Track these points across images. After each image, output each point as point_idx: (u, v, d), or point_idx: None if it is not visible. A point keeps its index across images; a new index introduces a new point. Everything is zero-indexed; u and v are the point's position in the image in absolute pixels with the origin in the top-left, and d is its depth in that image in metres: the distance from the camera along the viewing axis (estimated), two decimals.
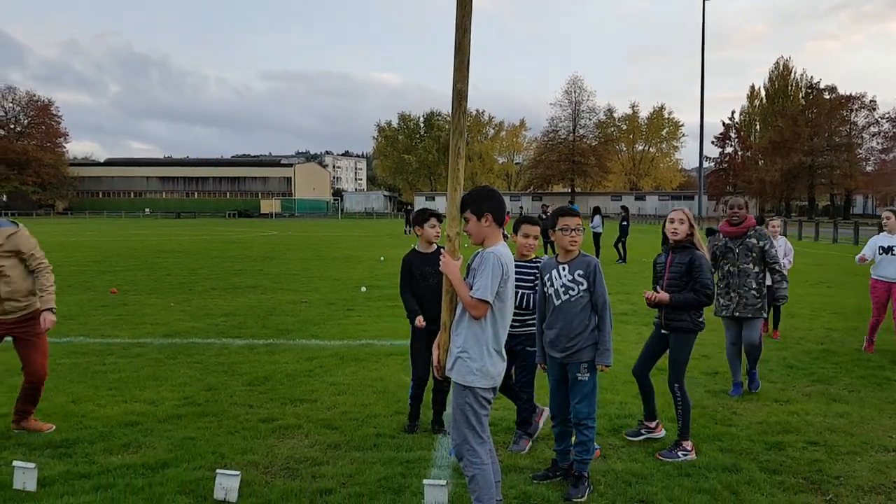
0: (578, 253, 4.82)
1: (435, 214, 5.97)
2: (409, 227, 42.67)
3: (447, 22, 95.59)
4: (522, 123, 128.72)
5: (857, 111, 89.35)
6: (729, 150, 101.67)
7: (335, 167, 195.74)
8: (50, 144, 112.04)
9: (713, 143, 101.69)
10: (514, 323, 5.87)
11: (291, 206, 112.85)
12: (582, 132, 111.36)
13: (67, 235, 42.34)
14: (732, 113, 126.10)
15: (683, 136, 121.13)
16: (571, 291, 4.76)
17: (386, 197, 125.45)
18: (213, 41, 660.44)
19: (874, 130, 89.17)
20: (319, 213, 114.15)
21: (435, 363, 4.17)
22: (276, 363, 8.24)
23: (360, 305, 13.01)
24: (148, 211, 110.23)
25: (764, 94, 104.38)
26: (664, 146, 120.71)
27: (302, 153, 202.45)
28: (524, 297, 5.47)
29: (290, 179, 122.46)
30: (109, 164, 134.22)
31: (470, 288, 3.93)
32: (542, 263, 5.08)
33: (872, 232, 36.94)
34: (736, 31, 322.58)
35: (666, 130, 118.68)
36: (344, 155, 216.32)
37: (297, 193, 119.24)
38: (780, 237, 10.30)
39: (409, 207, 72.57)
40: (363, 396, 6.88)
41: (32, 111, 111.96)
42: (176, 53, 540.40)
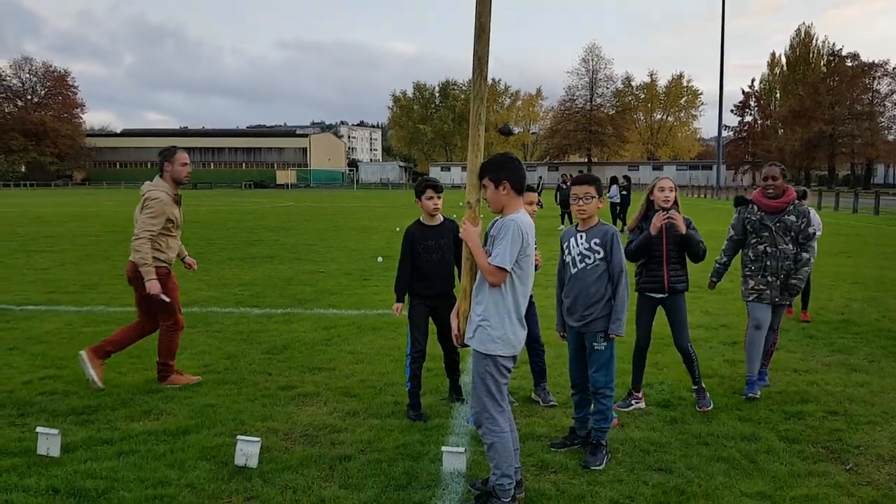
0: (597, 222, 4.78)
1: (431, 185, 5.57)
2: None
3: None
4: (539, 92, 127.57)
5: (879, 79, 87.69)
6: (748, 118, 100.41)
7: (350, 137, 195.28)
8: (67, 115, 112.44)
9: (732, 111, 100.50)
10: None
11: (307, 176, 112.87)
12: (599, 101, 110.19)
13: (86, 206, 42.63)
14: (752, 81, 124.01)
15: (702, 104, 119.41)
16: (587, 260, 4.73)
17: (401, 167, 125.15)
18: (227, 10, 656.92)
19: None
20: (335, 183, 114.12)
21: (454, 331, 4.16)
22: (294, 332, 8.29)
23: (376, 275, 13.03)
24: None
25: (785, 61, 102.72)
26: (682, 115, 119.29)
27: (317, 123, 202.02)
28: None
29: (305, 150, 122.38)
30: (126, 134, 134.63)
31: (488, 255, 3.90)
32: (563, 232, 5.06)
33: (894, 202, 36.50)
34: None
35: (684, 99, 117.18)
36: (359, 125, 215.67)
37: (312, 164, 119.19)
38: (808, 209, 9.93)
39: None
40: (381, 365, 6.92)
41: (49, 82, 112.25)
42: (191, 23, 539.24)
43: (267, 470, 4.45)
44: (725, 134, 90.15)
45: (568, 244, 4.86)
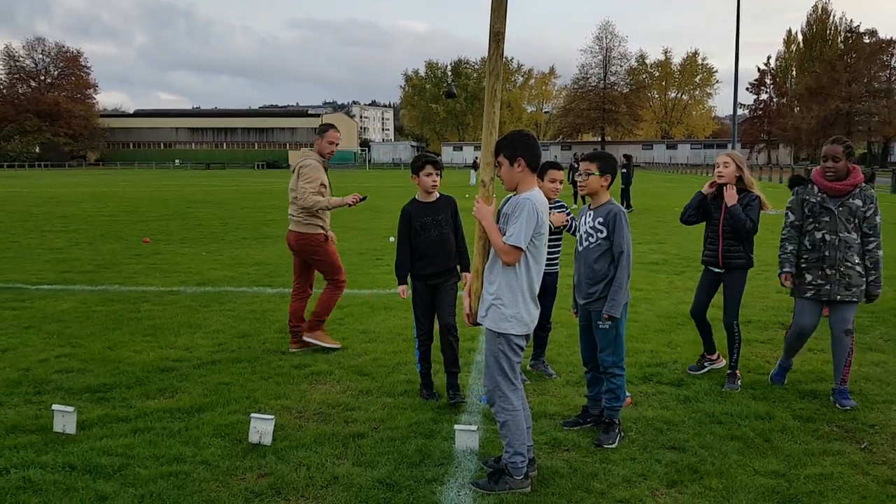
0: (606, 201, 4.74)
1: (431, 161, 5.43)
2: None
3: None
4: (552, 71, 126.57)
5: None
6: (764, 96, 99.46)
7: (362, 117, 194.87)
8: (80, 96, 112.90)
9: (748, 89, 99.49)
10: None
11: None
12: (613, 79, 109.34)
13: (100, 186, 42.85)
14: (768, 58, 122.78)
15: (717, 82, 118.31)
16: (591, 238, 4.70)
17: (413, 147, 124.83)
18: None
19: None
20: (347, 163, 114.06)
21: (466, 310, 4.14)
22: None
23: (388, 255, 13.03)
24: (178, 162, 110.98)
25: (801, 38, 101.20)
26: (697, 93, 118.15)
27: (329, 103, 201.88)
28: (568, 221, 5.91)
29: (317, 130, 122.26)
30: (139, 115, 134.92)
31: (503, 234, 3.88)
32: (579, 211, 5.04)
33: None
34: None
35: (699, 77, 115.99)
36: (371, 105, 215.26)
37: None
38: None
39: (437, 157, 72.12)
40: (393, 344, 6.93)
41: (62, 62, 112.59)
42: (201, 2, 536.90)
43: (281, 447, 4.48)
44: (740, 112, 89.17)
45: (580, 221, 4.85)
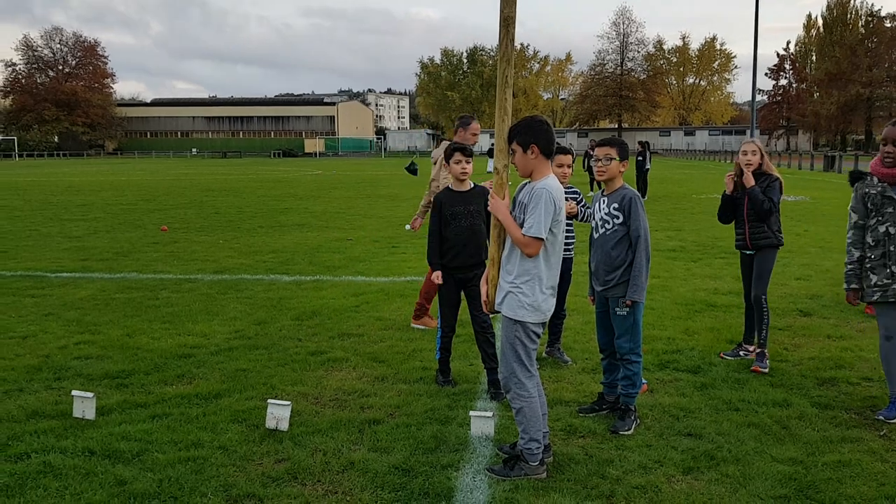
0: (620, 186, 4.70)
1: (460, 149, 5.32)
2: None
3: None
4: (568, 57, 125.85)
5: None
6: (783, 82, 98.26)
7: (378, 105, 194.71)
8: (98, 85, 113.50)
9: (767, 75, 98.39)
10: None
11: (335, 144, 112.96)
12: (630, 65, 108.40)
13: (118, 175, 43.16)
14: (787, 43, 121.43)
15: (736, 68, 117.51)
16: (607, 224, 4.67)
17: (429, 135, 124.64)
18: None
19: None
20: (363, 151, 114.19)
21: (483, 298, 4.13)
22: (323, 299, 8.34)
23: (404, 243, 13.05)
24: (195, 151, 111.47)
25: (821, 23, 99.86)
26: (715, 79, 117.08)
27: (344, 91, 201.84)
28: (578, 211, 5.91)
29: (333, 118, 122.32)
30: (156, 104, 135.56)
31: (520, 225, 3.85)
32: (593, 197, 5.00)
33: None
34: None
35: (718, 62, 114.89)
36: (386, 93, 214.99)
37: (340, 132, 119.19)
38: None
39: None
40: (409, 331, 6.94)
41: (79, 52, 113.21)
42: None
43: (297, 433, 4.50)
44: (759, 98, 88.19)
45: (594, 208, 4.83)
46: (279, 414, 4.58)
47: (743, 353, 6.07)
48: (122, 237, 14.14)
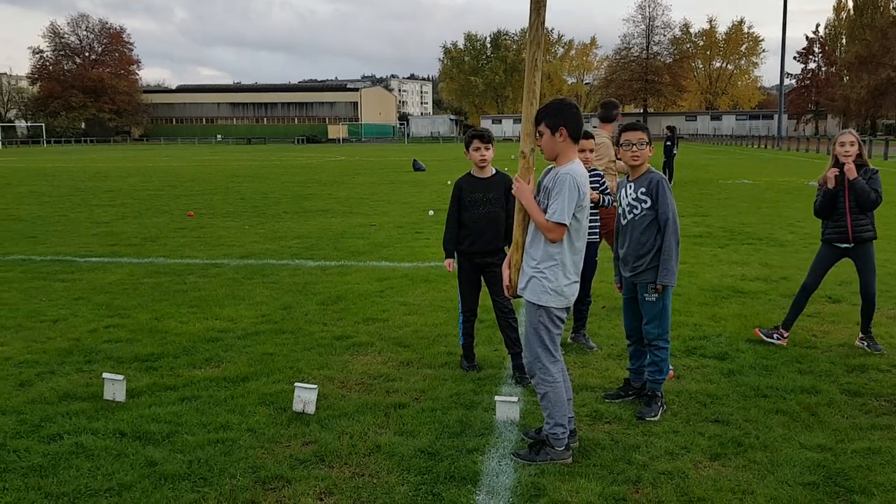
0: (646, 170, 4.66)
1: (478, 136, 5.30)
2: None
3: None
4: (593, 41, 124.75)
5: None
6: (812, 66, 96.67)
7: (401, 91, 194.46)
8: (123, 72, 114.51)
9: (795, 58, 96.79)
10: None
11: (358, 130, 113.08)
12: (656, 49, 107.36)
13: (144, 161, 43.56)
14: (817, 26, 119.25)
15: (764, 51, 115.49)
16: (635, 210, 4.63)
17: (452, 120, 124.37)
18: None
19: None
20: (386, 137, 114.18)
21: (505, 282, 4.13)
22: (348, 284, 8.38)
23: (427, 228, 13.05)
24: (220, 137, 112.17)
25: (851, 5, 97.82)
26: (743, 63, 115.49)
27: (368, 77, 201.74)
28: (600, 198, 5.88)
29: (356, 104, 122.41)
30: (181, 90, 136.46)
31: (544, 210, 3.84)
32: (618, 183, 4.96)
33: None
34: None
35: (745, 46, 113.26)
36: (409, 78, 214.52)
37: (363, 118, 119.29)
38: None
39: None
40: (433, 316, 6.95)
41: (105, 39, 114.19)
42: None
43: (324, 416, 4.54)
44: (788, 82, 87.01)
45: (620, 194, 4.78)
46: (306, 397, 4.62)
47: (777, 337, 6.02)
48: (149, 222, 14.29)
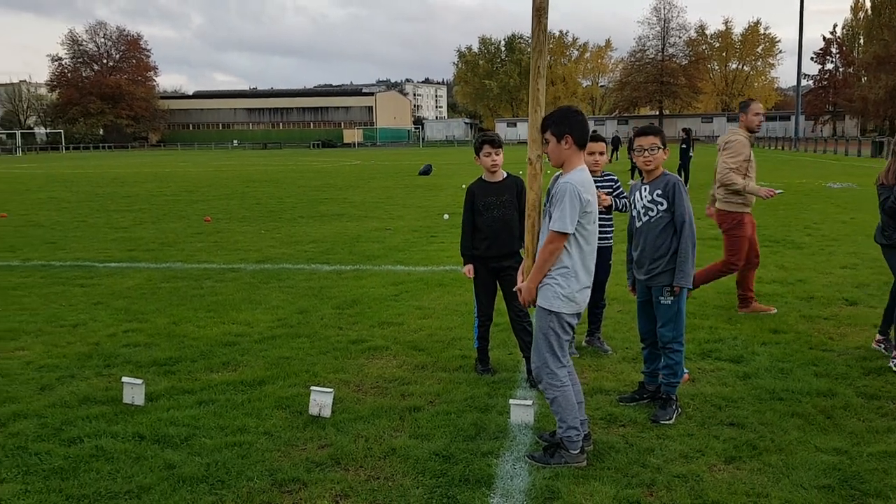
0: (661, 173, 4.67)
1: (488, 141, 5.32)
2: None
3: None
4: (608, 44, 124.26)
5: None
6: (829, 66, 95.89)
7: (416, 95, 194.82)
8: (141, 78, 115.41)
9: (812, 59, 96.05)
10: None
11: (373, 135, 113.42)
12: (671, 51, 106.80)
13: (161, 167, 43.91)
14: (834, 27, 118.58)
15: (780, 52, 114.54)
16: (651, 212, 4.64)
17: (467, 124, 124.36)
18: None
19: None
20: (401, 141, 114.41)
21: (518, 286, 4.14)
22: (363, 288, 8.42)
23: (443, 232, 13.09)
24: (236, 142, 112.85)
25: (869, 5, 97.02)
26: (759, 64, 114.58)
27: (383, 81, 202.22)
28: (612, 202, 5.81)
29: (371, 108, 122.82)
30: (198, 96, 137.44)
31: (549, 218, 3.89)
32: (631, 186, 4.97)
33: None
34: None
35: (761, 47, 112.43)
36: (424, 82, 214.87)
37: (378, 122, 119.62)
38: None
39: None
40: (448, 320, 6.98)
41: (123, 46, 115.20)
42: None
43: (340, 419, 4.58)
44: (805, 83, 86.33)
45: (634, 197, 4.79)
46: (322, 401, 4.66)
47: (884, 345, 5.85)
48: (166, 227, 14.42)
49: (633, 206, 4.83)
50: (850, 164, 35.12)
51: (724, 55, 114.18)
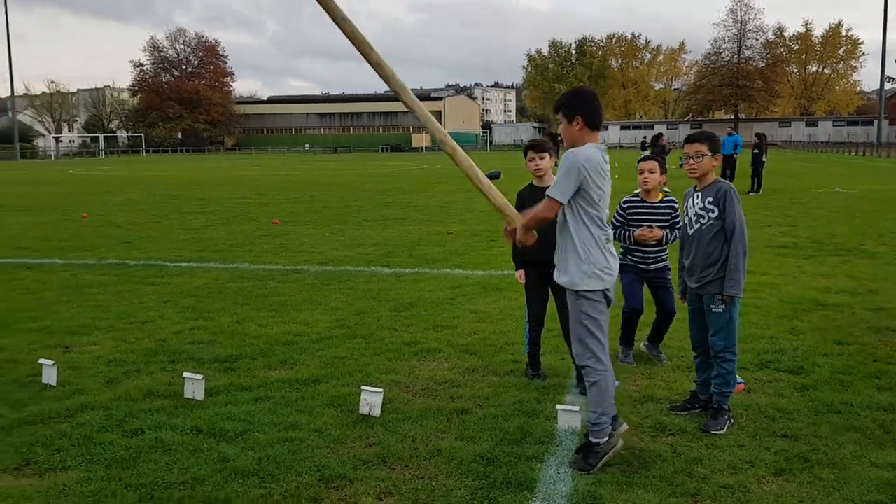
0: (713, 180, 4.62)
1: (531, 146, 5.35)
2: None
3: None
4: (682, 46, 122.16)
5: None
6: None
7: (484, 99, 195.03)
8: (218, 84, 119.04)
9: None
10: (648, 258, 5.78)
11: None
12: (748, 54, 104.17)
13: (235, 170, 45.17)
14: None
15: (863, 55, 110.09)
16: (702, 220, 4.60)
17: (535, 128, 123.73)
18: None
19: None
20: (468, 145, 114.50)
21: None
22: (420, 291, 8.52)
23: (503, 237, 13.07)
24: (307, 146, 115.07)
25: None
26: (841, 66, 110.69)
27: (451, 86, 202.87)
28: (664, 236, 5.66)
29: (439, 113, 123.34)
30: (272, 101, 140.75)
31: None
32: (685, 193, 4.92)
33: None
34: None
35: (843, 49, 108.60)
36: (493, 86, 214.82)
37: (446, 126, 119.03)
38: None
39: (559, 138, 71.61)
40: (502, 324, 7.01)
41: (201, 52, 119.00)
42: None
43: (388, 419, 4.66)
44: (889, 86, 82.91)
45: (686, 205, 4.76)
46: (372, 400, 4.76)
47: None
48: (236, 229, 14.86)
49: (685, 213, 4.78)
50: None
51: (803, 58, 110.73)
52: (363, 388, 4.85)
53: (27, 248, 12.47)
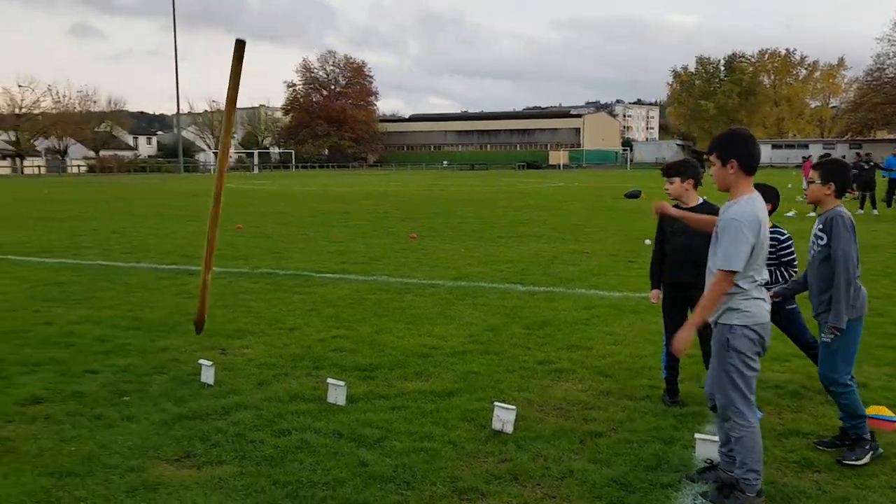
0: (830, 207, 4.46)
1: (663, 170, 5.37)
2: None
3: None
4: (841, 62, 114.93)
5: None
6: None
7: (626, 116, 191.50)
8: (363, 103, 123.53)
9: None
10: None
11: (579, 157, 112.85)
12: None
13: (377, 185, 46.70)
14: None
15: None
16: (814, 247, 4.52)
17: (679, 146, 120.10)
18: None
19: None
20: (608, 163, 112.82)
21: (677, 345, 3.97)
22: (554, 310, 8.52)
23: (642, 258, 12.79)
24: (446, 163, 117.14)
25: None
26: None
27: (591, 103, 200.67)
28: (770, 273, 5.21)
29: (578, 130, 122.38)
30: (412, 119, 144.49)
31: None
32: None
33: None
34: None
35: None
36: (635, 103, 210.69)
37: (585, 144, 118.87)
38: None
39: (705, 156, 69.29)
40: (639, 348, 6.89)
41: (349, 72, 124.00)
42: (469, 9, 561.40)
43: (521, 437, 4.72)
44: None
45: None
46: (505, 417, 4.83)
47: None
48: (376, 243, 15.39)
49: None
50: None
51: None
52: (496, 404, 4.93)
53: (190, 255, 13.45)
